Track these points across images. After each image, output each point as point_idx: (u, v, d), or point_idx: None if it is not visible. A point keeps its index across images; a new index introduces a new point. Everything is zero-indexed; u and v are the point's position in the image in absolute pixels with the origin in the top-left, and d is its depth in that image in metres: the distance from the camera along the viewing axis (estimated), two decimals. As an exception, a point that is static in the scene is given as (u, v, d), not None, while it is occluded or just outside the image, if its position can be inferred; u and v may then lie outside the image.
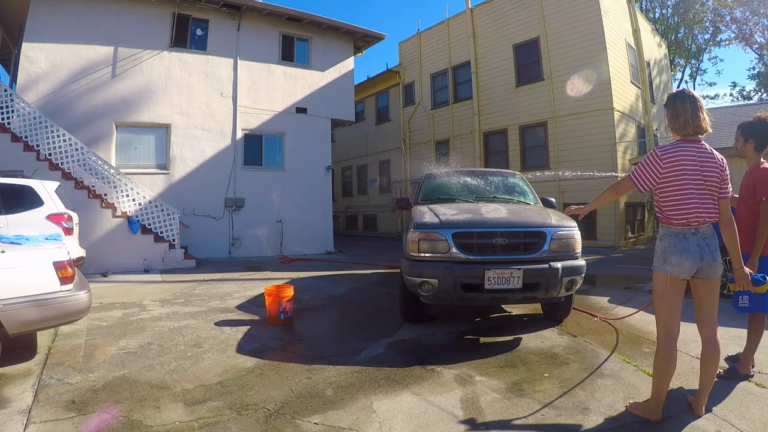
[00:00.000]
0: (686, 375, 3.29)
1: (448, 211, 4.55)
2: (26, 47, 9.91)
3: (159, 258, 9.53)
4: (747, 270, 2.62)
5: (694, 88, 33.66)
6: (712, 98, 30.77)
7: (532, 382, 3.21)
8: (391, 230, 18.37)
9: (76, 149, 9.28)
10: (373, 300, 6.27)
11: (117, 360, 3.72)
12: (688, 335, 4.25)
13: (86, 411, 2.78)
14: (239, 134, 12.07)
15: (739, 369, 3.16)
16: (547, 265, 3.93)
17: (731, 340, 4.07)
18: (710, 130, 2.61)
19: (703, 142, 2.61)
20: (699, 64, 29.92)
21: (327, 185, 13.53)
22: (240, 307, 5.74)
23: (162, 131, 11.28)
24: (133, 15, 10.89)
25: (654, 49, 17.31)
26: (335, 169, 17.20)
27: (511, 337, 4.29)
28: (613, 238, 12.39)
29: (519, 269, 3.87)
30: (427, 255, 4.06)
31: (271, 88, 12.64)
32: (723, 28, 26.03)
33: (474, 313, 5.19)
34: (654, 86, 16.39)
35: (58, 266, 3.46)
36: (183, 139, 11.39)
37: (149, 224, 9.67)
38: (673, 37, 27.04)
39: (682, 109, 2.59)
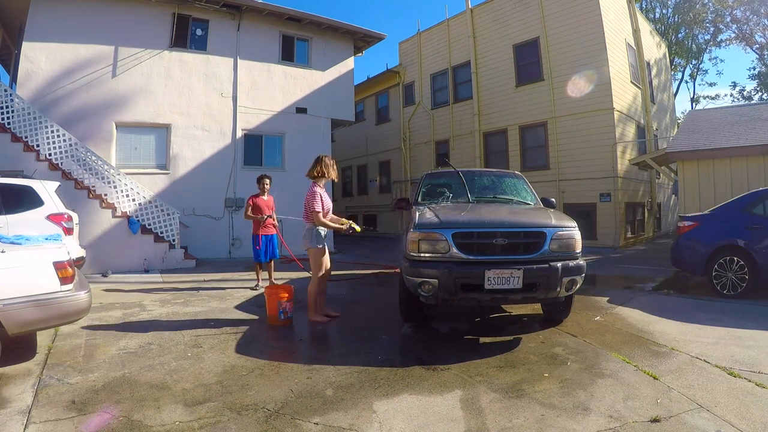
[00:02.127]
0: (687, 374, 3.29)
1: (448, 211, 4.55)
2: (26, 47, 9.91)
3: (159, 258, 9.53)
4: None
5: (694, 88, 33.62)
6: (712, 98, 30.79)
7: (532, 382, 3.21)
8: (391, 230, 18.36)
9: (77, 149, 9.28)
10: (373, 300, 6.27)
11: (117, 360, 3.72)
12: (688, 335, 4.26)
13: (86, 411, 2.78)
14: (239, 134, 12.07)
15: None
16: (547, 265, 3.92)
17: (731, 340, 4.08)
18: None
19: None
20: (699, 65, 29.92)
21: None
22: (240, 307, 5.74)
23: (162, 131, 11.28)
24: (133, 15, 10.89)
25: (654, 49, 17.31)
26: (335, 169, 17.17)
27: (511, 337, 4.29)
28: (612, 238, 12.39)
29: (519, 269, 3.86)
30: (427, 255, 4.06)
31: (271, 88, 12.63)
32: (723, 28, 26.03)
33: (474, 313, 5.19)
34: (654, 86, 16.40)
35: (58, 266, 3.46)
36: (183, 139, 11.38)
37: (149, 224, 9.67)
38: (673, 37, 27.01)
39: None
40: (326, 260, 4.94)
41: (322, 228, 4.86)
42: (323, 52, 13.51)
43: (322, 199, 4.80)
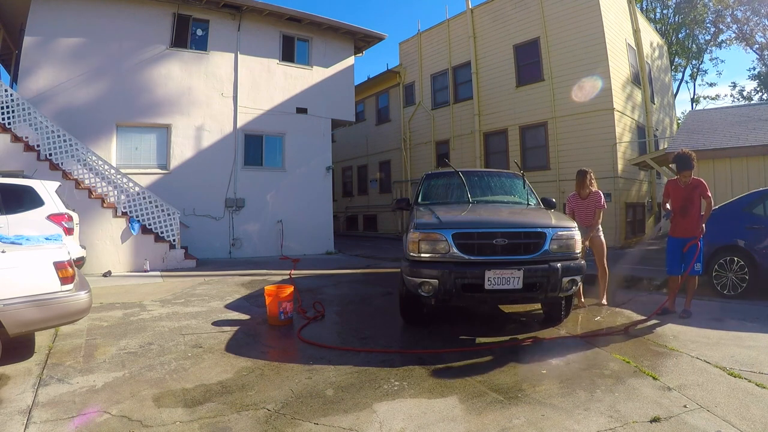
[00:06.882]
0: (687, 374, 3.29)
1: (448, 212, 4.55)
2: (26, 47, 9.91)
3: (159, 258, 9.53)
4: None
5: (694, 89, 33.60)
6: (712, 99, 30.79)
7: (532, 382, 3.21)
8: (392, 230, 18.36)
9: (77, 149, 9.28)
10: (373, 300, 6.27)
11: (117, 360, 3.72)
12: (688, 335, 4.26)
13: (86, 411, 2.78)
14: (239, 134, 12.07)
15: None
16: (547, 266, 3.93)
17: (731, 340, 4.08)
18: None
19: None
20: (700, 65, 29.92)
21: (327, 185, 13.53)
22: (240, 308, 5.74)
23: (162, 131, 11.29)
24: (133, 15, 10.89)
25: (654, 49, 17.31)
26: (335, 169, 17.20)
27: (510, 337, 4.29)
28: (613, 239, 12.37)
29: (519, 269, 3.87)
30: (427, 255, 4.06)
31: (272, 88, 12.64)
32: (724, 28, 26.02)
33: (473, 313, 5.19)
34: (654, 86, 16.39)
35: (59, 266, 3.46)
36: (183, 139, 11.39)
37: (149, 224, 9.67)
38: (674, 38, 27.01)
39: None
40: None
41: None
42: (323, 52, 13.52)
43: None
